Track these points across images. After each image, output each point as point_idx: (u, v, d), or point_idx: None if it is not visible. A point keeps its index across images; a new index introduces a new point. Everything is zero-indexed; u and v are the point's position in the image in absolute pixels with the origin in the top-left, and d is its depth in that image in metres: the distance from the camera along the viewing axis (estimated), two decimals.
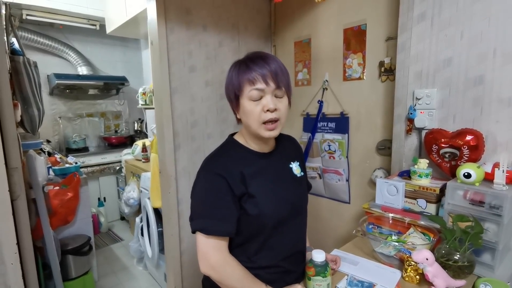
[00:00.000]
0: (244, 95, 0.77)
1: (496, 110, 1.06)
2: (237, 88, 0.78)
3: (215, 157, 0.83)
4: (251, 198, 0.78)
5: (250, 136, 0.84)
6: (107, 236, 3.08)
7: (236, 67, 0.80)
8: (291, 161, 0.92)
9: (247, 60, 0.79)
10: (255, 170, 0.81)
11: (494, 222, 0.91)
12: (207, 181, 0.78)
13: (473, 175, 0.95)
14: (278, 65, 0.78)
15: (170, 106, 1.59)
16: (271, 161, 0.87)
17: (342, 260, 1.02)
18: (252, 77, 0.75)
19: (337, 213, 1.79)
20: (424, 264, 0.84)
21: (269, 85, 0.76)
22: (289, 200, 0.85)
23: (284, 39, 1.96)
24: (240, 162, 0.81)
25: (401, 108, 1.30)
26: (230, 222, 0.77)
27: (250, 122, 0.79)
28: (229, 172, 0.77)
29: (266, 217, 0.80)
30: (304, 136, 1.85)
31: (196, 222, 0.78)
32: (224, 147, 0.87)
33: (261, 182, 0.81)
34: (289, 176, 0.90)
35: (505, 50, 1.01)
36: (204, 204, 0.78)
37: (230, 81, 0.80)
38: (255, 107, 0.77)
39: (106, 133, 3.57)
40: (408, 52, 1.26)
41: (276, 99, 0.78)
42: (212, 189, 0.77)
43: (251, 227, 0.80)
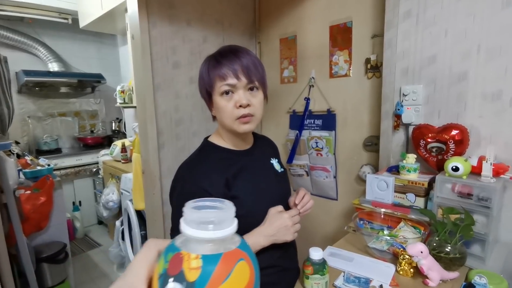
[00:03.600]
0: (216, 92, 0.75)
1: (479, 105, 1.09)
2: (208, 84, 0.76)
3: (193, 165, 0.78)
4: (236, 199, 0.75)
5: (226, 133, 0.82)
6: (84, 242, 2.92)
7: (207, 62, 0.78)
8: (271, 158, 0.92)
9: (218, 55, 0.76)
10: (238, 169, 0.79)
11: (483, 214, 0.94)
12: (187, 191, 0.74)
13: (461, 169, 0.98)
14: (250, 59, 0.76)
15: (153, 103, 1.52)
16: (253, 157, 0.85)
17: (336, 256, 1.01)
18: (223, 72, 0.73)
19: (325, 210, 1.80)
20: (418, 257, 0.85)
21: (241, 80, 0.74)
22: (274, 195, 0.83)
23: (269, 36, 1.94)
24: (221, 165, 0.78)
25: (388, 104, 1.32)
26: None
27: (224, 119, 0.77)
28: (209, 181, 0.74)
29: (253, 215, 0.77)
30: (291, 133, 1.84)
31: (175, 234, 0.74)
32: (201, 152, 0.83)
33: (244, 181, 0.79)
34: (272, 171, 0.89)
35: (489, 46, 1.05)
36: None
37: (201, 77, 0.79)
38: (227, 103, 0.75)
39: (81, 134, 3.39)
40: (394, 49, 1.28)
41: (250, 94, 0.76)
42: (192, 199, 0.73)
43: (241, 229, 0.77)
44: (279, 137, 1.95)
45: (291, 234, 0.77)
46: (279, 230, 0.76)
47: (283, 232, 0.76)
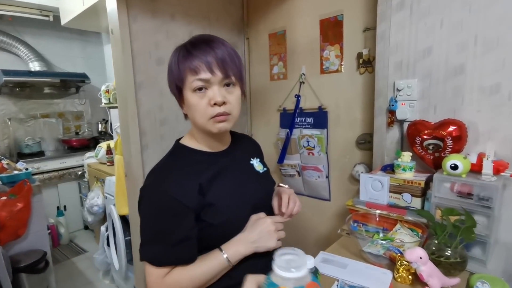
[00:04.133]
0: (186, 87, 0.67)
1: (477, 100, 1.04)
2: (178, 78, 0.68)
3: (162, 172, 0.70)
4: (211, 207, 0.68)
5: (200, 134, 0.74)
6: (69, 249, 2.80)
7: (176, 53, 0.69)
8: (251, 158, 0.84)
9: (189, 45, 0.68)
10: (214, 173, 0.71)
11: (484, 215, 0.88)
12: (156, 201, 0.66)
13: (460, 167, 0.92)
14: (226, 50, 0.67)
15: (135, 102, 1.43)
16: (231, 159, 0.77)
17: (329, 263, 0.94)
18: (194, 65, 0.64)
19: (318, 211, 1.73)
20: (417, 263, 0.79)
21: (215, 74, 0.65)
22: (255, 199, 0.76)
23: (258, 31, 1.87)
24: (195, 170, 0.70)
25: (382, 100, 1.26)
26: (185, 248, 0.65)
27: (196, 118, 0.68)
28: (181, 189, 0.66)
29: (233, 222, 0.70)
30: (281, 132, 1.77)
31: (145, 250, 0.66)
32: (171, 156, 0.74)
33: (221, 186, 0.71)
34: (252, 172, 0.81)
35: (486, 38, 0.99)
36: (153, 230, 0.66)
37: (170, 70, 0.71)
38: (200, 100, 0.66)
39: (66, 135, 3.26)
40: (387, 42, 1.22)
41: (226, 91, 0.68)
42: (163, 212, 0.65)
43: (218, 238, 0.70)
44: (270, 136, 1.88)
45: (274, 240, 0.70)
46: (261, 235, 0.69)
47: (265, 237, 0.69)
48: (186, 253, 0.66)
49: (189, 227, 0.65)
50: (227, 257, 0.67)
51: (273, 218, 0.72)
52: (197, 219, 0.67)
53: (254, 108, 1.98)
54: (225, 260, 0.67)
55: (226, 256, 0.67)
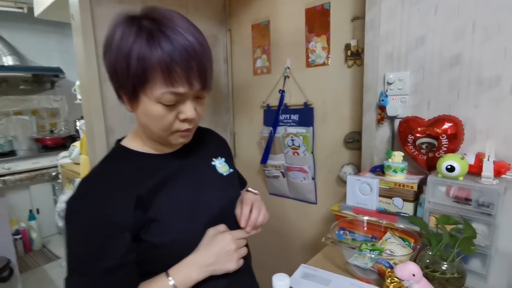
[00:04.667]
0: (150, 94, 0.51)
1: (474, 94, 0.94)
2: (137, 78, 0.50)
3: (92, 181, 0.56)
4: (155, 224, 0.55)
5: (150, 139, 0.60)
6: (41, 255, 2.63)
7: (138, 36, 0.49)
8: (213, 157, 0.71)
9: (160, 34, 0.49)
10: (159, 181, 0.58)
11: (484, 223, 0.78)
12: (81, 220, 0.52)
13: (457, 168, 0.82)
14: (204, 50, 0.52)
15: (100, 96, 1.29)
16: (185, 160, 0.64)
17: (310, 278, 0.82)
18: (171, 73, 0.49)
19: (304, 214, 1.62)
20: (410, 281, 0.68)
21: (193, 87, 0.52)
22: (214, 209, 0.63)
23: (241, 22, 1.74)
24: (135, 178, 0.56)
25: (371, 94, 1.15)
26: (119, 277, 0.52)
27: (156, 129, 0.55)
28: (113, 203, 0.52)
29: (185, 241, 0.57)
30: (265, 130, 1.65)
31: (70, 281, 0.52)
32: (108, 161, 0.59)
33: (168, 196, 0.58)
34: (213, 176, 0.68)
35: (486, 24, 0.89)
36: (78, 256, 0.52)
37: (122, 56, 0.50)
38: (167, 114, 0.53)
39: (40, 134, 3.07)
40: (377, 31, 1.11)
41: (196, 102, 0.55)
42: (89, 233, 0.51)
43: (165, 261, 0.56)
44: (253, 135, 1.76)
45: (234, 261, 0.58)
46: (219, 256, 0.56)
47: (224, 259, 0.57)
48: (120, 284, 0.52)
49: (123, 251, 0.52)
50: (175, 284, 0.54)
51: (233, 234, 0.60)
52: (137, 238, 0.54)
53: (237, 105, 1.85)
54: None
55: (173, 283, 0.54)
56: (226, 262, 0.57)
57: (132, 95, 0.53)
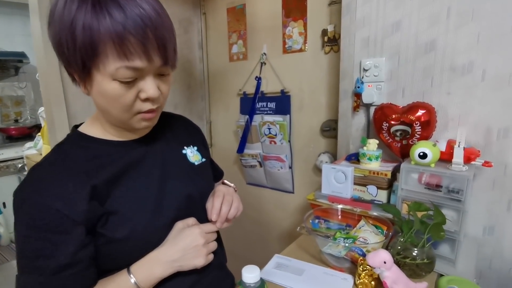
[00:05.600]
0: (104, 70, 0.45)
1: (448, 80, 0.94)
2: (88, 53, 0.44)
3: (44, 170, 0.50)
4: (113, 216, 0.50)
5: (110, 123, 0.55)
6: (9, 250, 2.49)
7: (82, 2, 0.43)
8: (185, 145, 0.66)
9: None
10: (119, 170, 0.53)
11: (453, 209, 0.78)
12: (29, 214, 0.47)
13: (429, 155, 0.81)
14: (162, 19, 0.46)
15: (61, 80, 1.19)
16: (150, 147, 0.59)
17: (283, 269, 0.81)
18: (125, 44, 0.43)
19: (281, 204, 1.61)
20: (381, 268, 0.67)
21: (152, 62, 0.46)
22: (182, 201, 0.58)
23: (216, 5, 1.66)
24: (90, 167, 0.51)
25: (347, 81, 1.13)
26: (72, 275, 0.47)
27: (114, 111, 0.49)
28: (65, 194, 0.47)
29: (143, 236, 0.52)
30: (241, 119, 1.60)
31: (20, 279, 0.47)
32: (61, 148, 0.54)
33: (129, 186, 0.53)
34: (183, 165, 0.63)
35: (461, 10, 0.88)
36: (27, 252, 0.47)
37: (67, 28, 0.43)
38: (125, 92, 0.47)
39: (4, 123, 2.87)
40: (353, 15, 1.08)
41: (159, 79, 0.50)
42: (38, 228, 0.46)
43: (125, 257, 0.52)
44: (229, 124, 1.71)
45: (203, 256, 0.54)
46: (186, 252, 0.53)
47: (191, 254, 0.53)
48: (72, 282, 0.48)
49: (76, 247, 0.47)
50: (136, 281, 0.50)
51: (202, 227, 0.56)
52: (92, 232, 0.49)
53: (213, 92, 1.79)
54: (134, 286, 0.50)
55: (134, 280, 0.50)
56: (194, 258, 0.53)
57: (83, 72, 0.47)
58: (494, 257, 0.93)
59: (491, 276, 0.94)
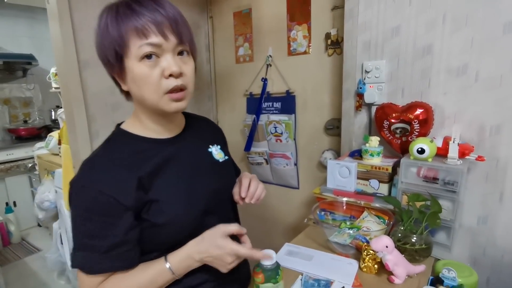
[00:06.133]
0: (130, 54, 0.54)
1: (444, 81, 1.01)
2: (118, 42, 0.53)
3: (95, 163, 0.58)
4: (155, 204, 0.58)
5: (147, 115, 0.62)
6: (20, 248, 2.56)
7: (112, 11, 0.54)
8: (210, 144, 0.73)
9: (130, 1, 0.54)
10: (158, 165, 0.60)
11: (449, 199, 0.86)
12: (85, 200, 0.54)
13: (427, 150, 0.89)
14: (176, 11, 0.56)
15: (80, 84, 1.26)
16: (182, 146, 0.66)
17: (294, 255, 0.88)
18: (142, 24, 0.52)
19: (286, 199, 1.68)
20: (383, 252, 0.75)
21: (169, 40, 0.54)
22: (210, 193, 0.66)
23: (222, 10, 1.73)
24: (135, 161, 0.58)
25: (350, 82, 1.20)
26: (121, 253, 0.55)
27: (146, 93, 0.56)
28: (116, 184, 0.55)
29: (180, 221, 0.60)
30: (248, 118, 1.67)
31: (75, 256, 0.55)
32: (108, 144, 0.62)
33: (167, 179, 0.60)
34: (209, 161, 0.71)
35: (455, 16, 0.95)
36: (83, 233, 0.55)
37: (104, 32, 0.55)
38: (150, 71, 0.54)
39: (13, 124, 2.94)
40: (356, 20, 1.15)
41: (180, 60, 0.57)
42: (93, 212, 0.54)
43: (164, 239, 0.60)
44: (236, 123, 1.78)
45: (225, 269, 0.60)
46: (214, 259, 0.59)
47: (218, 264, 0.59)
48: (122, 260, 0.56)
49: (125, 229, 0.55)
50: (171, 267, 0.57)
51: (235, 250, 0.59)
52: (138, 218, 0.57)
53: (220, 92, 1.86)
54: (169, 272, 0.57)
55: (169, 266, 0.57)
56: (219, 266, 0.59)
57: (120, 66, 0.56)
58: (488, 245, 1.01)
59: (485, 263, 1.02)
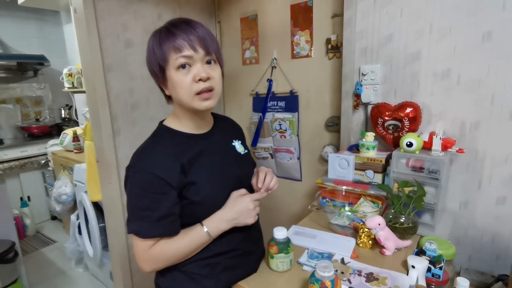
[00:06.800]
0: (170, 66, 0.69)
1: (431, 84, 1.15)
2: (161, 58, 0.69)
3: (147, 152, 0.73)
4: (193, 186, 0.72)
5: (184, 114, 0.76)
6: (36, 240, 2.70)
7: (157, 35, 0.71)
8: (233, 139, 0.88)
9: (169, 26, 0.70)
10: (194, 154, 0.74)
11: (433, 186, 1.00)
12: (141, 181, 0.69)
13: (414, 144, 1.03)
14: (205, 30, 0.71)
15: (105, 86, 1.39)
16: (211, 141, 0.81)
17: (300, 235, 1.02)
18: (178, 43, 0.67)
19: (290, 191, 1.82)
20: (376, 229, 0.89)
21: (198, 52, 0.68)
22: (234, 179, 0.80)
23: (230, 15, 1.86)
24: (177, 151, 0.73)
25: (348, 84, 1.34)
26: (168, 222, 0.70)
27: (182, 95, 0.70)
28: (164, 168, 0.69)
29: (212, 200, 0.75)
30: (254, 116, 1.81)
31: (131, 224, 0.70)
32: (155, 137, 0.77)
33: (201, 166, 0.74)
34: (233, 154, 0.86)
35: (440, 26, 1.09)
36: (138, 206, 0.69)
37: (152, 52, 0.71)
38: (184, 77, 0.69)
39: (25, 122, 3.06)
40: (354, 29, 1.28)
41: (208, 67, 0.71)
42: (147, 189, 0.68)
43: (199, 214, 0.74)
44: (243, 120, 1.92)
45: (252, 217, 0.76)
46: (241, 213, 0.74)
47: (244, 215, 0.74)
48: (169, 227, 0.70)
49: (172, 203, 0.69)
50: (208, 231, 0.72)
51: (251, 196, 0.77)
52: (180, 196, 0.71)
53: (227, 92, 1.99)
54: (206, 234, 0.72)
55: (206, 230, 0.72)
56: (246, 218, 0.75)
57: (163, 75, 0.71)
58: (469, 226, 1.16)
59: (467, 242, 1.17)
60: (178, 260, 0.73)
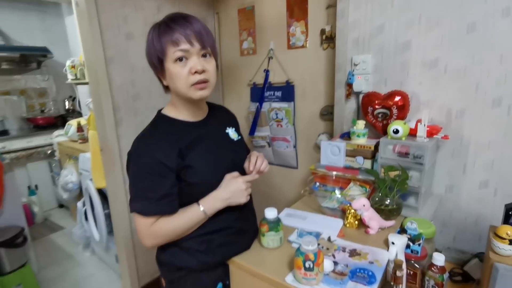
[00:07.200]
0: (168, 58, 0.74)
1: (420, 73, 1.19)
2: (160, 51, 0.74)
3: (147, 138, 0.79)
4: (190, 169, 0.78)
5: (181, 103, 0.82)
6: (44, 227, 2.81)
7: (156, 29, 0.75)
8: (227, 126, 0.94)
9: (168, 21, 0.74)
10: (191, 140, 0.80)
11: (417, 170, 1.06)
12: (142, 164, 0.75)
13: (400, 131, 1.08)
14: (201, 25, 0.76)
15: (107, 77, 1.45)
16: (207, 128, 0.86)
17: (292, 216, 1.09)
18: (175, 37, 0.72)
19: (287, 178, 1.89)
20: (361, 210, 0.95)
21: (194, 46, 0.73)
22: (228, 163, 0.86)
23: (228, 6, 1.89)
24: (175, 137, 0.79)
25: (341, 74, 1.39)
26: (168, 202, 0.76)
27: (178, 86, 0.76)
28: (163, 152, 0.75)
29: (208, 182, 0.81)
30: (252, 106, 1.86)
31: (134, 204, 0.77)
32: (154, 124, 0.83)
33: (198, 151, 0.80)
34: (227, 141, 0.91)
35: (429, 16, 1.12)
36: (140, 187, 0.76)
37: (151, 45, 0.76)
38: (181, 69, 0.74)
39: (30, 114, 3.13)
40: (346, 19, 1.32)
41: (204, 60, 0.76)
42: (148, 172, 0.75)
43: (196, 194, 0.81)
44: (241, 110, 1.97)
45: (244, 197, 0.82)
46: (234, 193, 0.80)
47: (237, 195, 0.81)
48: (168, 206, 0.76)
49: (170, 185, 0.76)
50: (204, 210, 0.78)
51: (244, 178, 0.83)
52: (178, 178, 0.77)
53: (226, 83, 2.04)
54: (202, 212, 0.78)
55: (203, 209, 0.78)
56: (239, 198, 0.82)
57: (161, 67, 0.76)
58: (454, 209, 1.22)
59: (452, 223, 1.23)
60: (177, 236, 0.80)
